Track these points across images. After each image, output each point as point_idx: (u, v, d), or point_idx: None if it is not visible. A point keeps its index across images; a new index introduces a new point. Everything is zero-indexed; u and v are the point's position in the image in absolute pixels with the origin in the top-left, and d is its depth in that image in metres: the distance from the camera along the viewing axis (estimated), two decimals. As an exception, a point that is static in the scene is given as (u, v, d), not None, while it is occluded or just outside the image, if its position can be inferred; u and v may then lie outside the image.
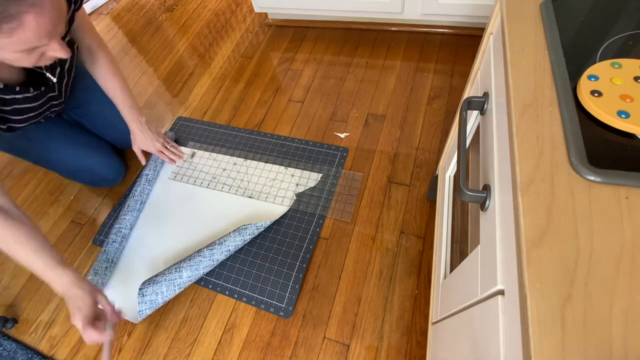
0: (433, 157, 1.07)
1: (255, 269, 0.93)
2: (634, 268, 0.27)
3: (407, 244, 0.93)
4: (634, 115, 0.34)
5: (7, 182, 1.24)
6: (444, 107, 1.17)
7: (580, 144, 0.33)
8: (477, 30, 1.33)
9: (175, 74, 1.48)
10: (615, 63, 0.38)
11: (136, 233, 1.04)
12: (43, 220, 1.13)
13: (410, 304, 0.85)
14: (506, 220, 0.36)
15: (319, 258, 0.94)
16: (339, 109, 1.23)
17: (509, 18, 0.44)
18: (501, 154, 0.42)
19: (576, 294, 0.26)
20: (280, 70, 1.39)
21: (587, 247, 0.28)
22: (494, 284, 0.36)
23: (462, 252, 0.58)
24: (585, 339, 0.25)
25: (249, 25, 1.60)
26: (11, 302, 1.00)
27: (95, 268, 0.94)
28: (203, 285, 0.94)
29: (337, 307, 0.87)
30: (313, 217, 1.00)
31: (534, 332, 0.25)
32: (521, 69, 0.40)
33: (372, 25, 1.44)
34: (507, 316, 0.33)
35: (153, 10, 1.80)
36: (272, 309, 0.88)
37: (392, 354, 0.80)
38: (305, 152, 1.14)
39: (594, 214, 0.29)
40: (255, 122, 1.25)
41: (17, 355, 0.90)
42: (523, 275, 0.28)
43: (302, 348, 0.83)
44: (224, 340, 0.87)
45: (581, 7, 0.45)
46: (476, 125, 0.60)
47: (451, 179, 0.78)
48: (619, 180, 0.31)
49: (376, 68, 1.32)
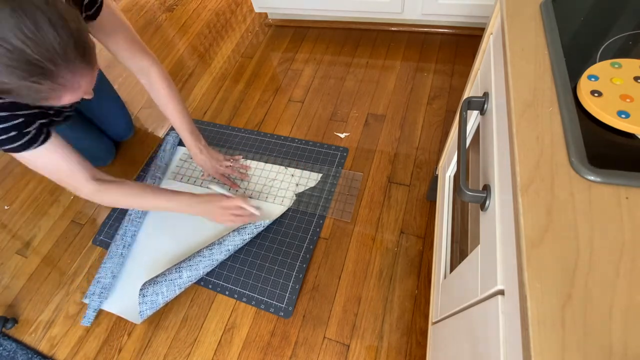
0: (433, 157, 1.07)
1: (255, 269, 0.93)
2: (634, 268, 0.27)
3: (407, 244, 0.93)
4: (634, 115, 0.34)
5: (7, 182, 1.24)
6: (444, 107, 1.17)
7: (580, 144, 0.33)
8: (477, 30, 1.33)
9: (175, 74, 1.48)
10: (615, 63, 0.38)
11: (138, 234, 1.04)
12: (43, 220, 1.13)
13: (410, 304, 0.85)
14: (506, 220, 0.36)
15: (319, 258, 0.94)
16: (339, 109, 1.23)
17: (509, 18, 0.44)
18: (501, 154, 0.42)
19: (576, 294, 0.26)
20: (280, 70, 1.39)
21: (587, 247, 0.28)
22: (494, 284, 0.36)
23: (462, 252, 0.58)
24: (585, 339, 0.25)
25: (249, 25, 1.60)
26: (11, 302, 1.00)
27: (99, 279, 0.95)
28: (203, 285, 0.94)
29: (337, 307, 0.87)
30: (313, 217, 1.00)
31: (534, 332, 0.25)
32: (521, 69, 0.40)
33: (372, 25, 1.44)
34: (507, 316, 0.33)
35: (153, 10, 1.80)
36: (272, 309, 0.88)
37: (392, 354, 0.80)
38: (305, 152, 1.14)
39: (594, 214, 0.29)
40: (255, 122, 1.25)
41: (17, 355, 0.90)
42: (523, 275, 0.28)
43: (302, 348, 0.83)
44: (224, 340, 0.87)
45: (581, 7, 0.45)
46: (476, 125, 0.60)
47: (451, 179, 0.78)
48: (619, 180, 0.31)
49: (376, 68, 1.32)
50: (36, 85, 0.51)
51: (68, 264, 1.04)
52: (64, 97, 0.56)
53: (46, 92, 0.53)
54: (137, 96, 1.42)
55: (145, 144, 1.27)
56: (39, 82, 0.51)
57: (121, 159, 1.24)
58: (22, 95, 0.53)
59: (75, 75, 0.55)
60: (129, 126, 1.25)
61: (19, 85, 0.50)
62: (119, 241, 0.99)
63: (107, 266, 0.96)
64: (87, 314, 0.91)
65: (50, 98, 0.55)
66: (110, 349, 0.89)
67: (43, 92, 0.53)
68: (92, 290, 0.93)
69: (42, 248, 1.08)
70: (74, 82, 0.55)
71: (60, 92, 0.55)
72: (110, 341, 0.90)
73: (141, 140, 1.28)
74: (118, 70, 1.52)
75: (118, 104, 1.22)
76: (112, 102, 1.15)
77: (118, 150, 1.26)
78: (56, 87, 0.53)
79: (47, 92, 0.53)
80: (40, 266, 1.05)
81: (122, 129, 1.24)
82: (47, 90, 0.53)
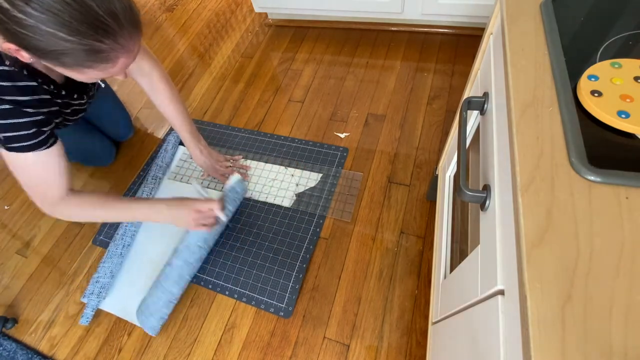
0: (433, 157, 1.07)
1: (255, 269, 0.93)
2: (634, 268, 0.27)
3: (407, 244, 0.93)
4: (634, 115, 0.34)
5: (8, 182, 1.24)
6: (444, 107, 1.17)
7: (580, 144, 0.33)
8: (477, 30, 1.33)
9: (175, 74, 1.48)
10: (615, 63, 0.38)
11: (138, 234, 1.04)
12: (43, 220, 1.13)
13: (410, 304, 0.85)
14: (506, 220, 0.36)
15: (319, 258, 0.94)
16: (339, 109, 1.23)
17: (509, 18, 0.44)
18: (501, 154, 0.42)
19: (576, 294, 0.26)
20: (280, 70, 1.39)
21: (587, 247, 0.28)
22: (494, 284, 0.36)
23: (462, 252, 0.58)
24: (585, 339, 0.25)
25: (249, 25, 1.60)
26: (11, 302, 1.00)
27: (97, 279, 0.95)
28: (203, 285, 0.94)
29: (337, 307, 0.87)
30: (313, 217, 1.00)
31: (534, 332, 0.25)
32: (521, 69, 0.40)
33: (372, 25, 1.44)
34: (507, 316, 0.33)
35: (153, 10, 1.80)
36: (272, 309, 0.88)
37: (392, 354, 0.80)
38: (305, 152, 1.14)
39: (594, 214, 0.29)
40: (255, 122, 1.25)
41: (17, 355, 0.90)
42: (523, 275, 0.28)
43: (302, 348, 0.83)
44: (224, 340, 0.87)
45: (581, 7, 0.45)
46: (476, 125, 0.60)
47: (451, 179, 0.78)
48: (619, 180, 0.31)
49: (376, 68, 1.32)
50: (98, 45, 0.51)
51: (68, 264, 1.04)
52: (120, 60, 0.56)
53: (107, 52, 0.53)
54: (137, 96, 1.42)
55: (145, 144, 1.27)
56: (101, 40, 0.51)
57: (121, 160, 1.24)
58: (79, 58, 0.52)
59: (132, 38, 0.56)
60: (128, 126, 1.26)
61: (81, 44, 0.50)
62: (118, 241, 0.99)
63: (106, 266, 0.96)
64: (86, 313, 0.91)
65: (109, 59, 0.55)
66: (110, 349, 0.89)
67: (104, 52, 0.53)
68: (90, 289, 0.93)
69: (42, 248, 1.08)
70: (131, 44, 0.56)
71: (119, 53, 0.55)
72: (110, 341, 0.90)
73: (141, 140, 1.28)
74: (118, 70, 1.52)
75: (117, 104, 1.22)
76: (112, 102, 1.16)
77: (118, 151, 1.26)
78: (117, 47, 0.54)
79: (108, 52, 0.53)
80: (40, 266, 1.05)
81: (122, 130, 1.24)
82: (108, 50, 0.53)
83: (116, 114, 1.21)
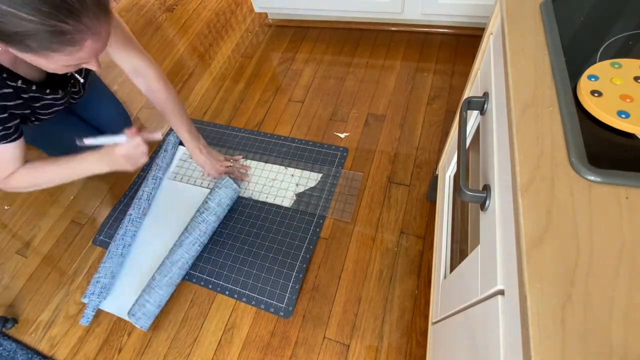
0: (433, 157, 1.07)
1: (255, 269, 0.93)
2: (634, 268, 0.27)
3: (407, 244, 0.93)
4: (634, 115, 0.34)
5: (7, 182, 1.24)
6: (444, 107, 1.17)
7: (580, 144, 0.33)
8: (477, 30, 1.33)
9: (175, 74, 1.48)
10: (615, 63, 0.38)
11: (138, 234, 1.04)
12: (43, 220, 1.13)
13: (410, 304, 0.85)
14: (506, 220, 0.36)
15: (319, 258, 0.94)
16: (339, 109, 1.23)
17: (509, 18, 0.44)
18: (501, 154, 0.42)
19: (576, 294, 0.26)
20: (280, 70, 1.39)
21: (587, 247, 0.28)
22: (494, 284, 0.36)
23: (462, 252, 0.58)
24: (585, 339, 0.25)
25: (249, 25, 1.60)
26: (11, 302, 1.00)
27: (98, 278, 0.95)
28: (203, 285, 0.94)
29: (337, 307, 0.87)
30: (313, 217, 1.00)
31: (534, 332, 0.25)
32: (521, 69, 0.40)
33: (372, 25, 1.44)
34: (507, 316, 0.33)
35: (153, 10, 1.80)
36: (272, 309, 0.88)
37: (392, 354, 0.80)
38: (305, 152, 1.14)
39: (594, 214, 0.29)
40: (255, 122, 1.25)
41: (17, 355, 0.90)
42: (523, 275, 0.28)
43: (302, 348, 0.83)
44: (224, 340, 0.87)
45: (581, 7, 0.45)
46: (476, 125, 0.60)
47: (451, 179, 0.78)
48: (619, 180, 0.31)
49: (376, 68, 1.32)
50: (61, 25, 0.50)
51: (68, 264, 1.04)
52: (87, 43, 0.55)
53: (72, 33, 0.52)
54: (137, 96, 1.42)
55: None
56: (64, 20, 0.50)
57: (121, 159, 1.24)
58: (43, 40, 0.51)
59: (99, 19, 0.54)
60: (127, 126, 1.25)
61: (44, 24, 0.49)
62: (118, 241, 0.99)
63: (107, 266, 0.96)
64: (86, 313, 0.91)
65: (75, 41, 0.53)
66: (110, 349, 0.89)
67: (69, 34, 0.52)
68: (91, 289, 0.93)
69: (42, 248, 1.08)
70: (97, 25, 0.55)
71: (85, 35, 0.54)
72: (110, 341, 0.90)
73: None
74: (117, 71, 1.52)
75: (115, 104, 1.21)
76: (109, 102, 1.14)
77: (118, 150, 1.26)
78: (82, 28, 0.53)
79: (73, 33, 0.52)
80: (40, 266, 1.05)
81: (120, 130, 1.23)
82: (72, 32, 0.52)
83: (114, 114, 1.19)
